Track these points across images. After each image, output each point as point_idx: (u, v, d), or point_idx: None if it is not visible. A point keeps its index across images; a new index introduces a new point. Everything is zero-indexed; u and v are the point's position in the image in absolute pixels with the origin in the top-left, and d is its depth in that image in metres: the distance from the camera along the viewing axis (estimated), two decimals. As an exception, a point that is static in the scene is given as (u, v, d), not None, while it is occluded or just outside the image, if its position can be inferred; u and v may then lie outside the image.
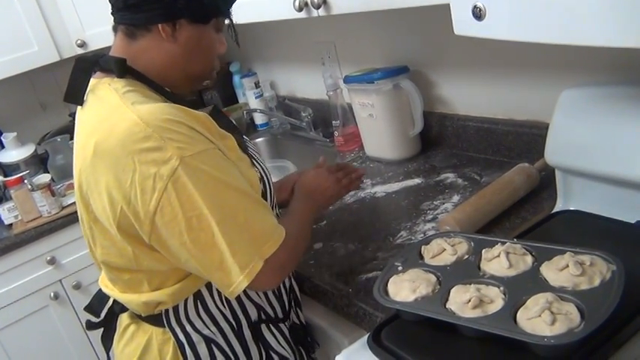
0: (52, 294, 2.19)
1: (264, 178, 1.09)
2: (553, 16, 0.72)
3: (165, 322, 1.08)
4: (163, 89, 1.05)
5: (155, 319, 1.09)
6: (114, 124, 0.94)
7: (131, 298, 1.07)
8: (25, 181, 2.16)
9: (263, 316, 1.15)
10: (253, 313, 1.13)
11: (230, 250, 0.92)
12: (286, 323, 1.20)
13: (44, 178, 2.21)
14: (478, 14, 0.82)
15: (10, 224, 2.21)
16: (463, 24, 0.86)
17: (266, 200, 1.07)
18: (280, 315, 1.18)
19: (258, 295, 1.13)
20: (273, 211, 1.13)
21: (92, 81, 1.04)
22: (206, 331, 1.09)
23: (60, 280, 2.21)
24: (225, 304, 1.10)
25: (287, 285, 1.21)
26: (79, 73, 1.03)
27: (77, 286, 2.22)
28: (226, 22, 1.12)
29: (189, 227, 0.91)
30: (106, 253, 1.04)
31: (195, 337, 1.08)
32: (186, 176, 0.90)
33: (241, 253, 0.93)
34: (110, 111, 0.97)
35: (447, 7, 0.88)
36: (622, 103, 1.06)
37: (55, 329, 2.22)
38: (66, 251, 2.18)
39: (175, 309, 1.07)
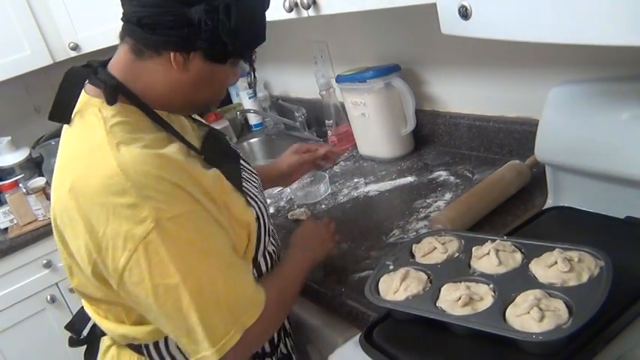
0: (48, 297, 2.20)
1: (260, 216, 1.03)
2: (539, 15, 0.72)
3: (145, 352, 1.03)
4: (158, 116, 0.96)
5: (136, 348, 1.03)
6: (93, 167, 0.87)
7: (110, 327, 1.03)
8: (20, 185, 2.17)
9: None
10: None
11: (202, 323, 0.86)
12: (273, 357, 1.15)
13: (39, 181, 2.21)
14: (464, 13, 0.82)
15: (6, 228, 2.22)
16: (450, 23, 0.86)
17: (261, 236, 1.03)
18: (267, 349, 1.13)
19: None
20: (270, 238, 1.09)
21: (83, 96, 0.96)
22: None
23: (56, 284, 2.22)
24: None
25: None
26: (68, 87, 0.95)
27: (74, 290, 2.21)
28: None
29: (155, 294, 0.86)
30: (82, 285, 0.99)
31: None
32: (160, 240, 0.83)
33: (214, 327, 0.87)
34: (92, 148, 0.89)
35: (435, 6, 0.89)
36: (611, 100, 1.06)
37: (52, 332, 2.22)
38: (62, 254, 2.18)
39: (155, 343, 1.02)
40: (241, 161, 1.11)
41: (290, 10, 1.44)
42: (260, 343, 1.01)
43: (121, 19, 0.94)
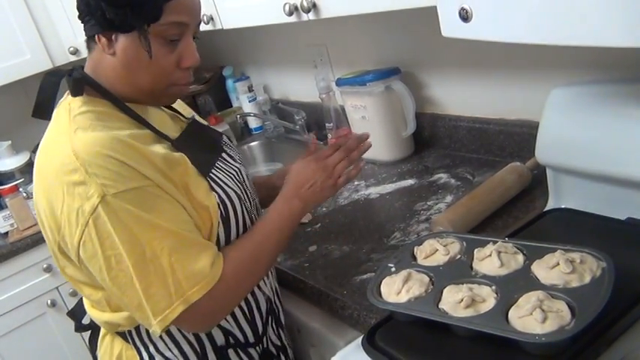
0: (49, 301, 2.19)
1: (229, 203, 1.03)
2: (539, 17, 0.73)
3: (130, 340, 1.07)
4: (125, 105, 1.00)
5: (123, 335, 1.08)
6: (53, 151, 0.94)
7: (96, 316, 1.07)
8: (20, 189, 2.16)
9: (231, 341, 1.11)
10: (219, 338, 1.09)
11: (145, 295, 0.91)
12: (257, 348, 1.15)
13: (39, 185, 2.21)
14: (465, 16, 0.82)
15: (6, 232, 2.21)
16: (450, 26, 0.86)
17: (229, 223, 1.03)
18: (251, 340, 1.13)
19: (225, 318, 1.08)
20: (253, 214, 1.11)
21: (64, 97, 1.04)
22: (168, 354, 1.07)
23: (57, 288, 2.22)
24: None
25: (263, 307, 1.15)
26: (46, 87, 1.03)
27: (74, 293, 2.21)
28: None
29: (108, 266, 0.91)
30: (63, 265, 1.03)
31: (158, 358, 1.07)
32: (105, 215, 0.88)
33: (156, 299, 0.91)
34: (56, 135, 0.97)
35: (436, 9, 0.89)
36: (611, 101, 1.07)
37: (52, 337, 2.22)
38: (62, 258, 2.18)
39: (137, 329, 1.06)
40: (224, 155, 1.13)
41: (290, 14, 1.45)
42: (216, 316, 1.01)
43: None
